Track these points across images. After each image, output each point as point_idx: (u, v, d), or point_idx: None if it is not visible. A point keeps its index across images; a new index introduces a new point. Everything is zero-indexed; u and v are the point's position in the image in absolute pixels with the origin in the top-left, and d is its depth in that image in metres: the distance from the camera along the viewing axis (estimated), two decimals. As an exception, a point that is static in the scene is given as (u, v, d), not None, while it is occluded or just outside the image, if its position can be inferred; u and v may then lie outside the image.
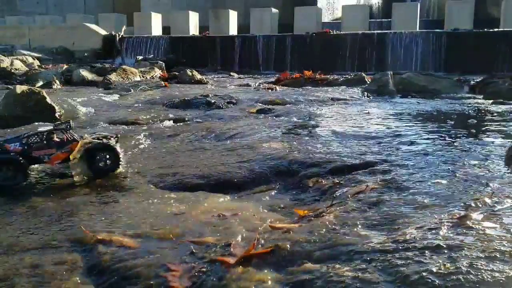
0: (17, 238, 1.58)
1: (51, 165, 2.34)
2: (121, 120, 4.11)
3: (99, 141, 2.36)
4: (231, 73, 10.92)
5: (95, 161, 2.31)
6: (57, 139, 2.34)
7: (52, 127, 2.38)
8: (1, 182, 2.18)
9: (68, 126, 2.39)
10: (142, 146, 3.02)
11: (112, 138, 2.43)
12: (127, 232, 1.57)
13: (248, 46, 13.12)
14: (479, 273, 1.12)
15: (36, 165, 2.38)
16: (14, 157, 2.21)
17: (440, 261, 1.19)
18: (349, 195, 1.87)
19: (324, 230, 1.48)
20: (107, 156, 2.33)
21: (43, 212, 1.85)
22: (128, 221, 1.70)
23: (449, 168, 2.19)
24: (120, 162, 2.38)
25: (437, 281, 1.10)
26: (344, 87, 7.33)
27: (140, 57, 12.38)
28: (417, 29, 12.63)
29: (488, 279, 1.10)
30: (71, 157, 2.26)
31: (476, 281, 1.09)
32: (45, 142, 2.30)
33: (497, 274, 1.11)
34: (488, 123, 3.87)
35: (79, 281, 1.28)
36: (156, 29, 15.42)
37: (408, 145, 2.84)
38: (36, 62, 11.22)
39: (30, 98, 4.07)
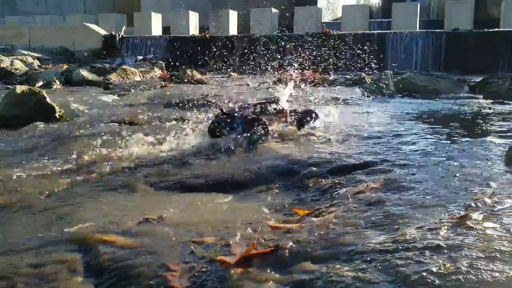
0: (17, 238, 1.58)
1: (271, 127, 3.05)
2: (121, 120, 4.10)
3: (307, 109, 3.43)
4: (231, 73, 10.91)
5: (304, 122, 3.29)
6: (272, 109, 3.15)
7: (267, 99, 3.27)
8: (255, 138, 2.88)
9: (278, 99, 3.30)
10: (142, 146, 3.02)
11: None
12: (127, 232, 1.57)
13: (248, 46, 13.12)
14: (479, 273, 1.12)
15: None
16: (262, 118, 2.99)
17: (440, 261, 1.19)
18: (349, 195, 1.87)
19: (324, 230, 1.47)
20: (313, 117, 3.36)
21: (43, 212, 1.85)
22: (128, 221, 1.70)
23: (449, 168, 2.19)
24: (318, 120, 3.37)
25: (437, 281, 1.10)
26: (344, 87, 7.33)
27: (140, 57, 12.39)
28: (417, 29, 12.63)
29: (488, 279, 1.10)
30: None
31: (476, 281, 1.09)
32: (264, 110, 3.09)
33: (497, 274, 1.11)
34: (488, 123, 3.87)
35: (79, 281, 1.28)
36: (156, 29, 15.42)
37: (408, 145, 2.84)
38: (36, 62, 11.22)
39: (30, 98, 4.06)
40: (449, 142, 2.96)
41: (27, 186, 2.21)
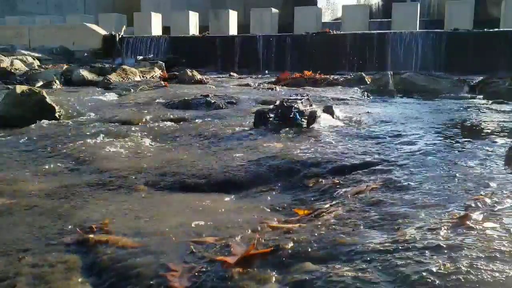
0: (17, 238, 1.58)
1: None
2: (121, 120, 4.11)
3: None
4: (231, 73, 10.91)
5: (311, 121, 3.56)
6: (305, 104, 3.58)
7: (301, 96, 3.68)
8: (302, 126, 3.41)
9: (308, 95, 3.78)
10: (141, 146, 3.02)
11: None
12: (126, 232, 1.57)
13: (248, 46, 13.11)
14: (479, 273, 1.12)
15: None
16: (316, 111, 3.55)
17: (440, 261, 1.19)
18: (349, 195, 1.87)
19: (324, 230, 1.48)
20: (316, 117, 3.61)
21: (43, 212, 1.85)
22: (128, 221, 1.70)
23: (449, 168, 2.19)
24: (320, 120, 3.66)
25: (437, 281, 1.10)
26: (344, 87, 7.33)
27: (140, 57, 12.38)
28: (417, 29, 12.63)
29: (488, 279, 1.10)
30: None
31: (476, 281, 1.09)
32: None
33: (497, 274, 1.11)
34: (488, 123, 3.87)
35: (79, 281, 1.28)
36: (156, 29, 15.41)
37: (408, 145, 2.84)
38: (36, 62, 11.21)
39: (30, 98, 4.06)
40: (449, 142, 2.97)
41: (27, 186, 2.21)
